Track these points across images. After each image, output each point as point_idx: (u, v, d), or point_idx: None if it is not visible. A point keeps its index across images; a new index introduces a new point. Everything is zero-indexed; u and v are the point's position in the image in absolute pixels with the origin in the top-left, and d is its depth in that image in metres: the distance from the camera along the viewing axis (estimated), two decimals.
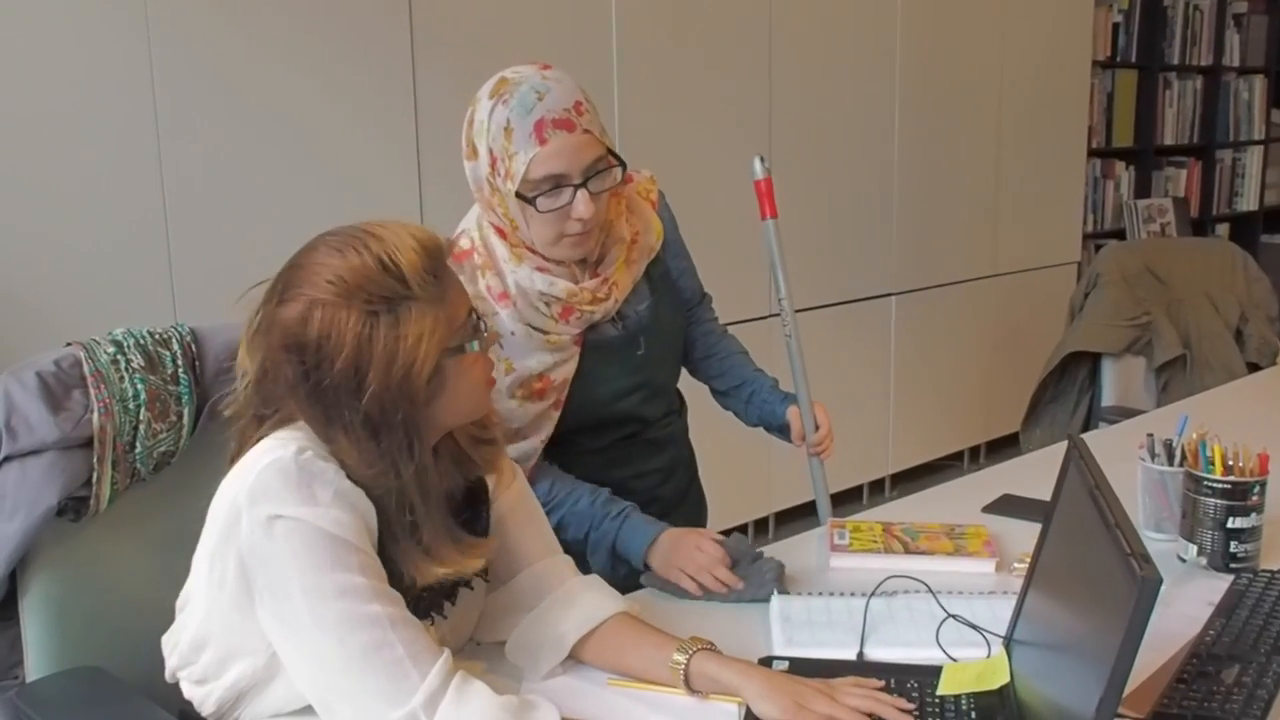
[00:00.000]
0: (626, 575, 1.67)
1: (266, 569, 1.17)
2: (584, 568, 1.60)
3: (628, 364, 1.74)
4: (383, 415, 1.19)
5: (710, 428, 2.00)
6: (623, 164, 1.60)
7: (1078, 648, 1.11)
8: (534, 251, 1.62)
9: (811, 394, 1.98)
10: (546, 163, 1.51)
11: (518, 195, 1.53)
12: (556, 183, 1.53)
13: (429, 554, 1.25)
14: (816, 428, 1.93)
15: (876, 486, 4.41)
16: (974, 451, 4.86)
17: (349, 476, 1.21)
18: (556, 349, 1.65)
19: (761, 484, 3.84)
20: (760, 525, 4.00)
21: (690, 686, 1.33)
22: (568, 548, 1.61)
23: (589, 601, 1.41)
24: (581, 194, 1.54)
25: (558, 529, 1.62)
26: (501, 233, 1.63)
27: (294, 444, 1.20)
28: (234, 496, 1.19)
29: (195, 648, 1.29)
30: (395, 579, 1.23)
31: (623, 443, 1.78)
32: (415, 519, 1.24)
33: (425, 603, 1.33)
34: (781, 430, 1.97)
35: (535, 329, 1.63)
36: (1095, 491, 1.14)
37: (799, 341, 2.03)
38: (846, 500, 3.98)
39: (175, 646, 1.32)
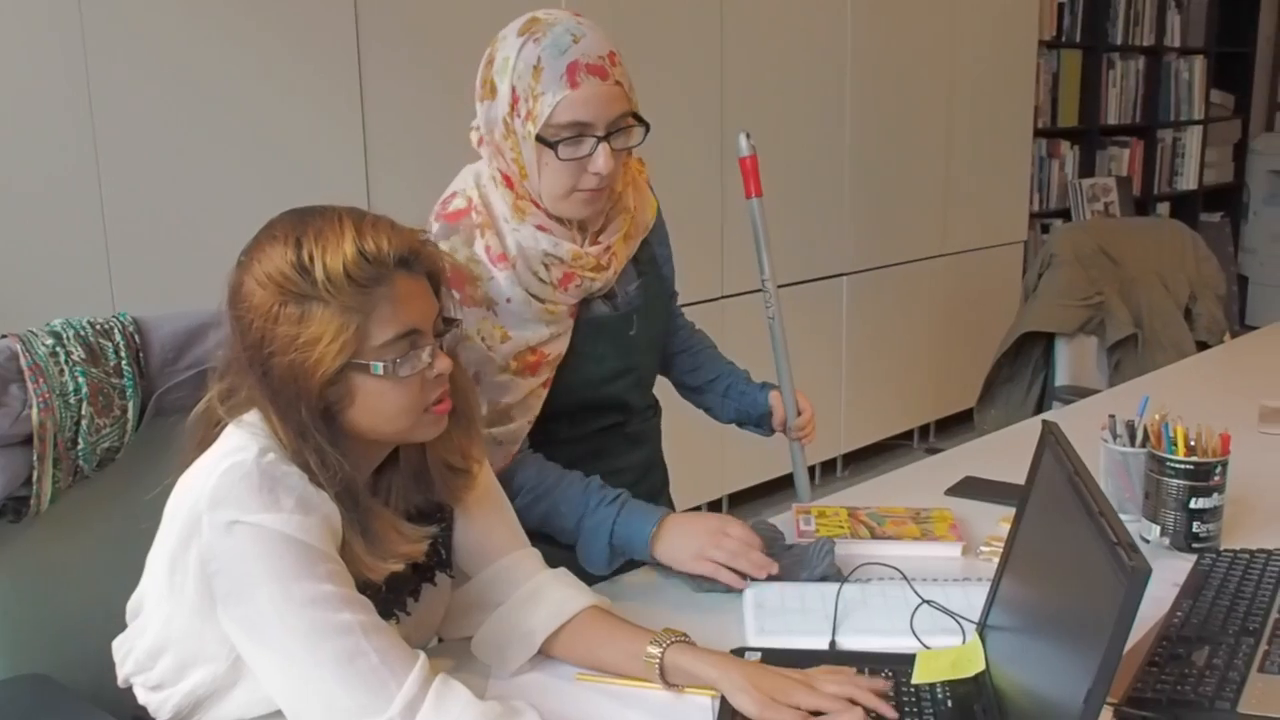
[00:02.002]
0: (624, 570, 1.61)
1: (230, 575, 1.12)
2: (574, 562, 1.54)
3: (620, 344, 1.67)
4: (287, 397, 1.16)
5: (665, 411, 1.96)
6: (646, 126, 1.52)
7: (1061, 637, 1.09)
8: (539, 207, 1.54)
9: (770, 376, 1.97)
10: (574, 108, 1.44)
11: (538, 139, 1.46)
12: (580, 131, 1.46)
13: (375, 551, 1.21)
14: (799, 412, 1.91)
15: (829, 467, 4.42)
16: (924, 430, 4.89)
17: (312, 480, 1.17)
18: (553, 320, 1.57)
19: (715, 467, 3.83)
20: (714, 508, 4.00)
21: (665, 680, 1.30)
22: (556, 541, 1.57)
23: (558, 596, 1.38)
24: (603, 147, 1.47)
25: (548, 517, 1.57)
26: (509, 181, 1.54)
27: (255, 446, 1.16)
28: (194, 500, 1.14)
29: (152, 654, 1.24)
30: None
31: (601, 434, 1.70)
32: (358, 516, 1.20)
33: (388, 600, 1.29)
34: (759, 421, 1.94)
35: (533, 296, 1.55)
36: (1075, 479, 1.12)
37: (782, 323, 2.00)
38: None
39: (130, 653, 1.27)
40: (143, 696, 1.27)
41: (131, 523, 1.25)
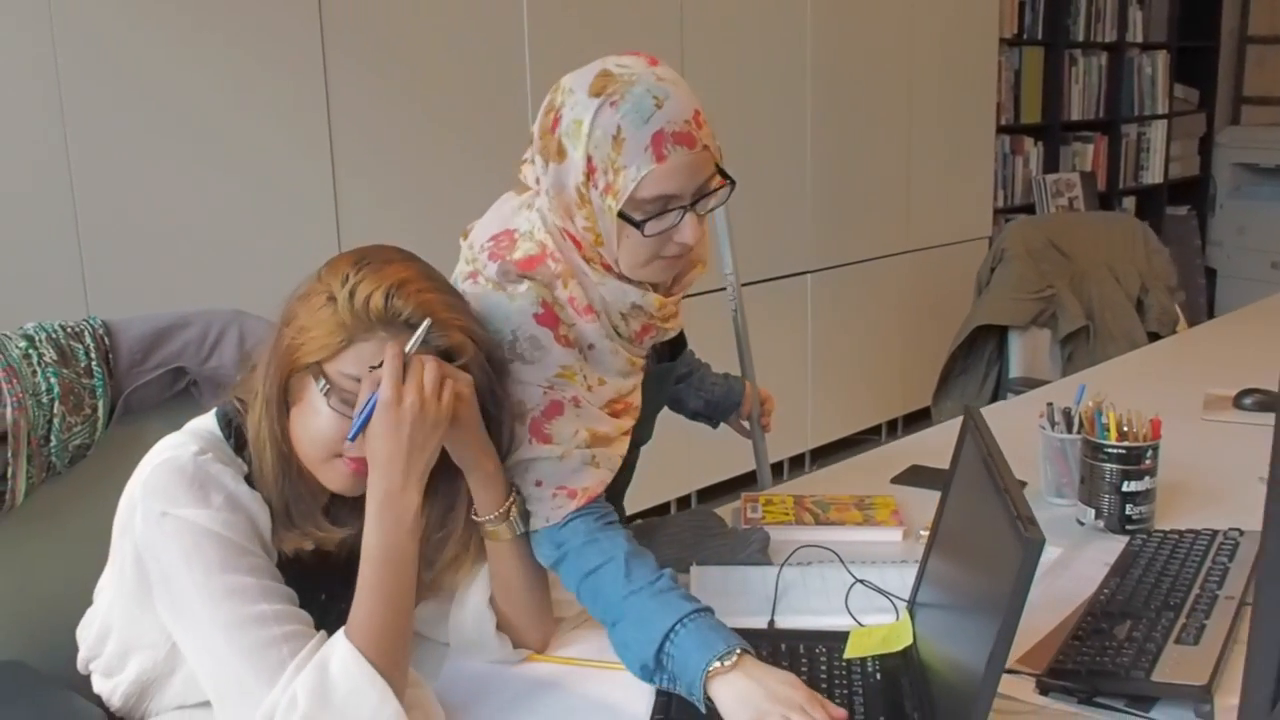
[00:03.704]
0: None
1: (159, 564, 1.19)
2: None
3: (660, 393, 1.59)
4: (274, 362, 1.24)
5: None
6: (732, 182, 1.38)
7: (973, 608, 1.16)
8: (610, 271, 1.40)
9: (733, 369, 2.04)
10: (661, 182, 1.31)
11: (621, 214, 1.33)
12: (666, 204, 1.33)
13: (286, 525, 1.26)
14: (761, 401, 1.98)
15: (796, 461, 4.47)
16: (891, 425, 4.94)
17: (248, 478, 1.24)
18: (632, 371, 1.46)
19: (682, 462, 3.88)
20: (683, 504, 4.04)
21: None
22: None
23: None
24: (690, 218, 1.34)
25: (594, 594, 1.35)
26: (577, 244, 1.40)
27: (195, 445, 1.23)
28: (131, 487, 1.22)
29: (100, 638, 1.31)
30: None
31: None
32: (285, 487, 1.25)
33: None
34: (728, 411, 1.97)
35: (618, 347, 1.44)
36: (988, 459, 1.19)
37: (744, 316, 2.07)
38: None
39: (86, 637, 1.34)
40: (98, 684, 1.34)
41: (102, 516, 1.30)
